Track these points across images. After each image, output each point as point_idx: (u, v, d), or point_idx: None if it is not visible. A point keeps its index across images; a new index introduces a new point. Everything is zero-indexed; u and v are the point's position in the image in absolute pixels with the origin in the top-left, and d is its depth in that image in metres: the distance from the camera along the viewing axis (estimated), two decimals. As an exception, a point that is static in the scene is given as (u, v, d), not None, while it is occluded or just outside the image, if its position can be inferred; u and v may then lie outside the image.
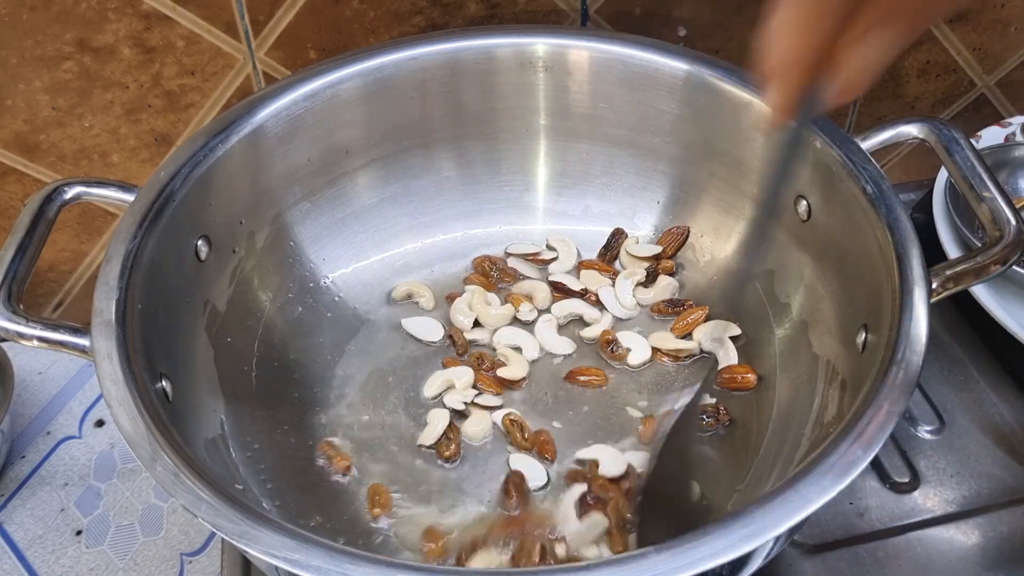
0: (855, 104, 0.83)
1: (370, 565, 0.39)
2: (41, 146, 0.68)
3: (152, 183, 0.55)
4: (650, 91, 0.65)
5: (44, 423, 0.69)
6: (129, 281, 0.50)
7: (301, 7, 0.67)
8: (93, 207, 0.72)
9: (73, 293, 0.76)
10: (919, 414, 0.66)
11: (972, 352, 0.70)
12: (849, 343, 0.53)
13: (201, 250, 0.58)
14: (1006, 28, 0.80)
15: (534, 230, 0.71)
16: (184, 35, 0.65)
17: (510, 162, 0.70)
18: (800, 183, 0.60)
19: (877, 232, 0.52)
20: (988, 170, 0.55)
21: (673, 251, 0.69)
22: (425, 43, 0.64)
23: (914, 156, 0.89)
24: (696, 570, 0.39)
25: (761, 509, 0.41)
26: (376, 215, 0.68)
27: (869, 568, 0.57)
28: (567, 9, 0.72)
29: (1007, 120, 0.79)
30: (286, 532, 0.40)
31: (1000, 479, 0.62)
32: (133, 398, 0.45)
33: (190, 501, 0.42)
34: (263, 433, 0.58)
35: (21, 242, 0.51)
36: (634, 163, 0.69)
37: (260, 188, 0.62)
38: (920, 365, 0.46)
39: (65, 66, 0.65)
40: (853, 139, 0.57)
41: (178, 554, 0.62)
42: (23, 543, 0.62)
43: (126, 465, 0.67)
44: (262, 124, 0.60)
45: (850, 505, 0.61)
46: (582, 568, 0.40)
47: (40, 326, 0.48)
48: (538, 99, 0.67)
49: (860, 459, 0.43)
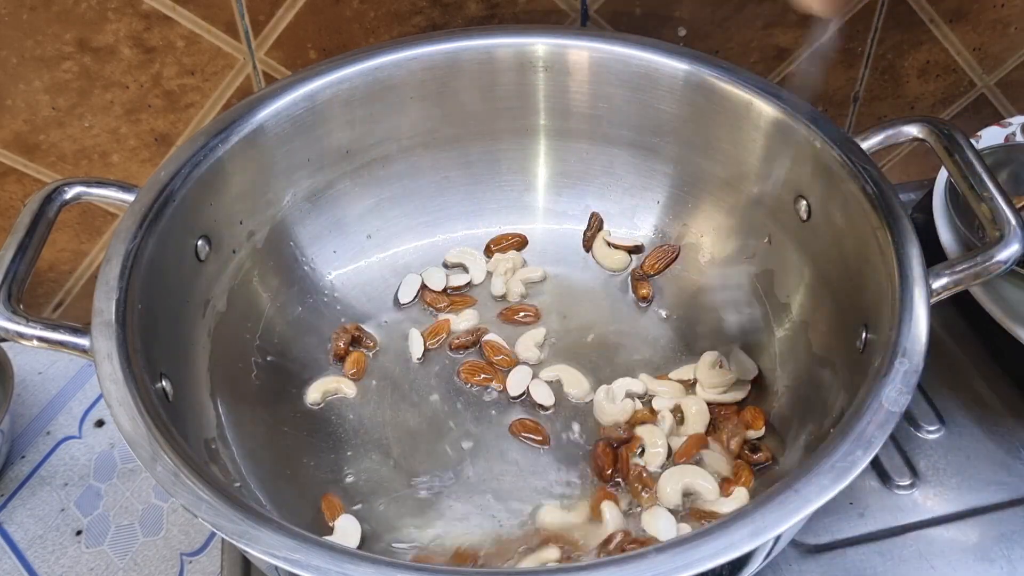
0: (855, 104, 0.83)
1: (370, 565, 0.39)
2: (41, 146, 0.68)
3: (152, 183, 0.55)
4: (650, 91, 0.65)
5: (44, 423, 0.69)
6: (129, 281, 0.50)
7: (301, 7, 0.67)
8: (93, 207, 0.72)
9: (73, 293, 0.76)
10: (919, 414, 0.66)
11: (972, 352, 0.70)
12: (849, 343, 0.53)
13: (201, 250, 0.58)
14: (1006, 28, 0.80)
15: (534, 230, 0.71)
16: (184, 35, 0.65)
17: (510, 162, 0.70)
18: (800, 183, 0.60)
19: (877, 232, 0.52)
20: (988, 170, 0.55)
21: (660, 269, 0.68)
22: (425, 43, 0.64)
23: (914, 156, 0.89)
24: (696, 570, 0.39)
25: (761, 509, 0.41)
26: (376, 215, 0.68)
27: (869, 568, 0.57)
28: (567, 9, 0.72)
29: (1007, 120, 0.79)
30: (286, 532, 0.40)
31: (1000, 479, 0.62)
32: (133, 398, 0.45)
33: (190, 501, 0.42)
34: (263, 433, 0.58)
35: (21, 242, 0.51)
36: (634, 163, 0.69)
37: (260, 188, 0.62)
38: (920, 365, 0.46)
39: (65, 66, 0.65)
40: (853, 139, 0.57)
41: (178, 554, 0.62)
42: (23, 543, 0.62)
43: (126, 465, 0.67)
44: (262, 124, 0.60)
45: (850, 505, 0.61)
46: (582, 568, 0.40)
47: (40, 326, 0.48)
48: (538, 99, 0.67)
49: (860, 459, 0.43)
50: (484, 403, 0.62)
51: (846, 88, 0.82)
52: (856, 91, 0.82)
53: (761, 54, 0.77)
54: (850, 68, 0.80)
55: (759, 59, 0.77)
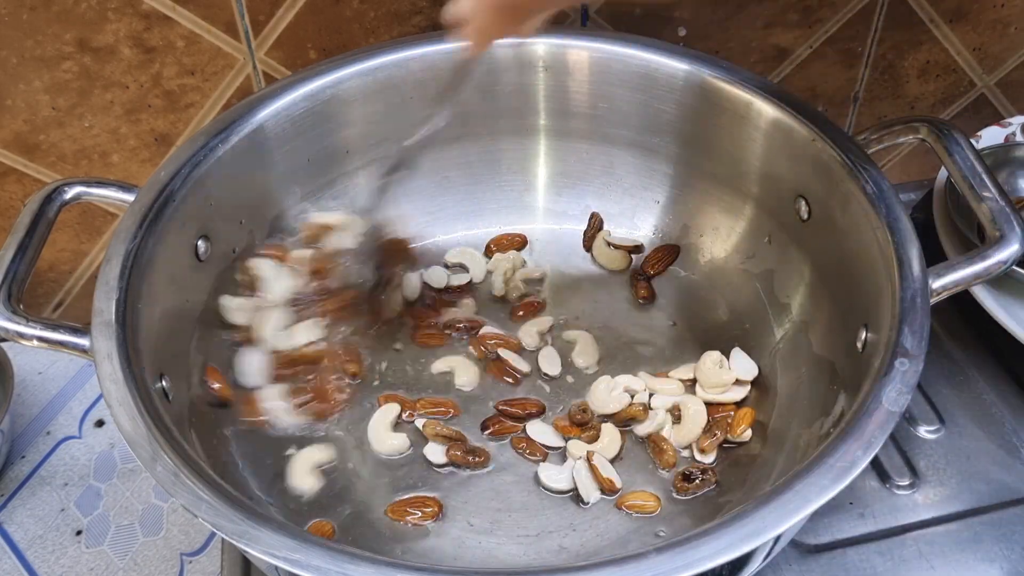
0: (855, 104, 0.83)
1: (370, 565, 0.39)
2: (41, 146, 0.68)
3: (152, 183, 0.55)
4: (650, 91, 0.65)
5: (44, 423, 0.69)
6: (129, 281, 0.50)
7: (301, 7, 0.67)
8: (93, 207, 0.72)
9: (73, 293, 0.76)
10: (919, 414, 0.66)
11: (972, 352, 0.70)
12: (849, 343, 0.53)
13: (201, 250, 0.58)
14: (1006, 28, 0.80)
15: (534, 230, 0.71)
16: (184, 35, 0.65)
17: (510, 162, 0.70)
18: (800, 183, 0.60)
19: (877, 232, 0.52)
20: (988, 170, 0.55)
21: (660, 270, 0.68)
22: (425, 43, 0.64)
23: (914, 156, 0.89)
24: (696, 570, 0.39)
25: (761, 509, 0.41)
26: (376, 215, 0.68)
27: (869, 568, 0.57)
28: (567, 9, 0.72)
29: (1007, 120, 0.79)
30: (286, 532, 0.40)
31: (1000, 479, 0.62)
32: (133, 398, 0.45)
33: (190, 501, 0.42)
34: (263, 433, 0.58)
35: (21, 242, 0.51)
36: (634, 163, 0.69)
37: (260, 188, 0.62)
38: (920, 365, 0.46)
39: (65, 66, 0.65)
40: (853, 139, 0.57)
41: (178, 554, 0.62)
42: (23, 543, 0.62)
43: (126, 465, 0.67)
44: (262, 124, 0.60)
45: (850, 505, 0.61)
46: (582, 568, 0.40)
47: (40, 326, 0.48)
48: (538, 99, 0.67)
49: (860, 459, 0.43)
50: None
51: (846, 88, 0.82)
52: (856, 91, 0.82)
53: (761, 54, 0.77)
54: (850, 68, 0.80)
55: (759, 59, 0.77)
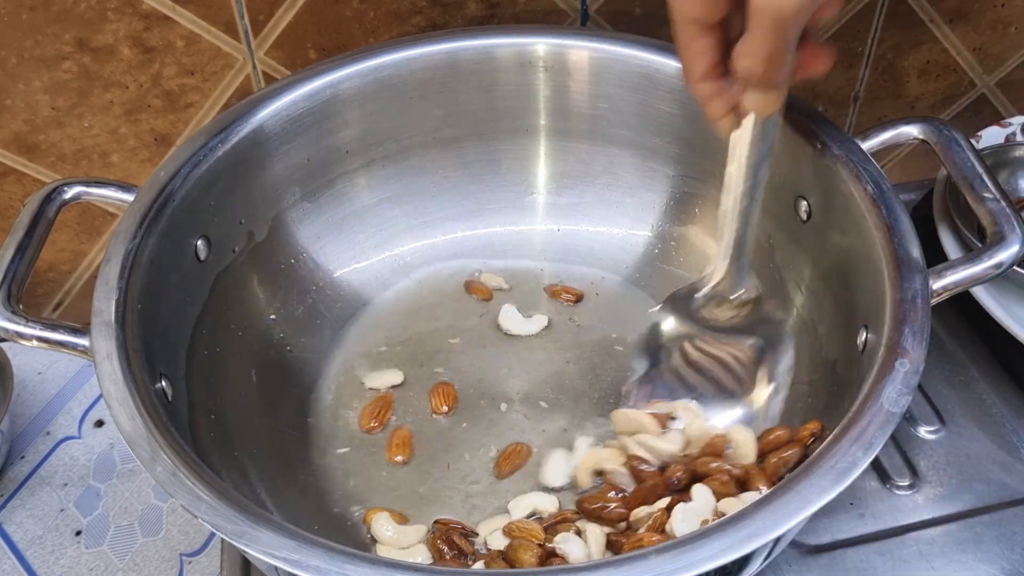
0: (855, 104, 0.83)
1: (370, 565, 0.39)
2: (41, 146, 0.68)
3: (152, 183, 0.55)
4: (650, 91, 0.65)
5: (44, 423, 0.69)
6: (129, 281, 0.50)
7: (301, 7, 0.67)
8: (93, 207, 0.72)
9: (73, 293, 0.76)
10: (919, 414, 0.66)
11: (972, 352, 0.70)
12: (849, 343, 0.53)
13: (201, 250, 0.57)
14: (1006, 28, 0.80)
15: (534, 230, 0.71)
16: (184, 35, 0.65)
17: (510, 162, 0.70)
18: (800, 183, 0.60)
19: (877, 232, 0.52)
20: (988, 170, 0.55)
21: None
22: (425, 43, 0.64)
23: (914, 156, 0.89)
24: (696, 571, 0.39)
25: (761, 510, 0.41)
26: (376, 215, 0.68)
27: (869, 568, 0.57)
28: (567, 9, 0.72)
29: (1007, 120, 0.79)
30: (286, 532, 0.40)
31: (1000, 479, 0.62)
32: (133, 398, 0.45)
33: (190, 501, 0.42)
34: (263, 433, 0.58)
35: (21, 242, 0.51)
36: (634, 163, 0.69)
37: (260, 188, 0.62)
38: (921, 365, 0.46)
39: (65, 66, 0.65)
40: (853, 139, 0.57)
41: (178, 554, 0.62)
42: (23, 543, 0.62)
43: (126, 465, 0.67)
44: (262, 124, 0.60)
45: (850, 505, 0.61)
46: (582, 568, 0.40)
47: (40, 326, 0.48)
48: (538, 99, 0.67)
49: (860, 460, 0.43)
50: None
51: (846, 88, 0.82)
52: (856, 91, 0.82)
53: (761, 54, 0.77)
54: (850, 68, 0.80)
55: (759, 59, 0.77)
